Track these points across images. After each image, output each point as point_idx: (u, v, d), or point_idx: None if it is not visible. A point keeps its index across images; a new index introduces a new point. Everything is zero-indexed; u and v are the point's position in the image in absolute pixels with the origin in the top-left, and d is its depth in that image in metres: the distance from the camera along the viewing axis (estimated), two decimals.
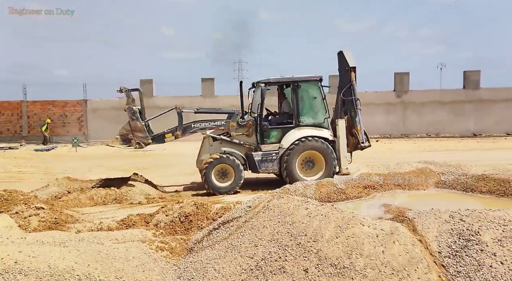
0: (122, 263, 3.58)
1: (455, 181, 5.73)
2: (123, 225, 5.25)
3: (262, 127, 8.59)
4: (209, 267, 3.62)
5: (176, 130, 8.58)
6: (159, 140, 8.60)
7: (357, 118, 8.62)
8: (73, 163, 14.33)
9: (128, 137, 8.07)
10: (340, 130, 8.55)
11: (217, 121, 8.73)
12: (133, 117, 8.14)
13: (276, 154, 8.49)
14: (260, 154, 8.51)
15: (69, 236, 4.00)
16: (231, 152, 8.44)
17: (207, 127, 8.65)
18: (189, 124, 8.68)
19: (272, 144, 8.58)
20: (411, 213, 3.63)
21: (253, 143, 8.64)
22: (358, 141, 8.60)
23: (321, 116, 8.74)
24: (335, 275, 3.10)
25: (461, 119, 22.34)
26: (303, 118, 8.64)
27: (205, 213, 5.40)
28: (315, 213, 3.70)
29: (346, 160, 8.51)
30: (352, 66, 8.68)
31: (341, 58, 9.05)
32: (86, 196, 7.42)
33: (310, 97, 8.77)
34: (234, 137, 8.58)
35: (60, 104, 23.51)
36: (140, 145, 8.12)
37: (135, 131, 8.08)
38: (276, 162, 8.47)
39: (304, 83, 8.70)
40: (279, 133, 8.64)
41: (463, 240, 3.08)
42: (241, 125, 8.64)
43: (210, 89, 23.49)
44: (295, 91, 8.61)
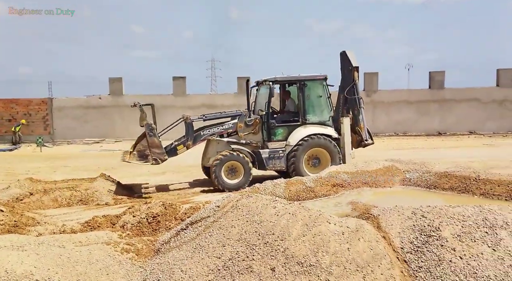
0: (85, 267, 3.46)
1: (419, 179, 5.90)
2: (87, 227, 5.09)
3: (269, 125, 8.80)
4: (175, 268, 3.56)
5: (187, 140, 8.56)
6: (172, 154, 8.56)
7: (360, 116, 9.09)
8: (37, 163, 13.81)
9: (145, 153, 8.07)
10: (345, 128, 8.91)
11: (225, 124, 8.84)
12: (150, 134, 8.13)
13: (283, 151, 8.74)
14: (267, 152, 8.72)
15: (28, 240, 3.83)
16: (239, 149, 8.57)
17: (216, 132, 8.74)
18: (198, 132, 8.71)
19: (279, 142, 8.84)
20: (376, 210, 3.70)
21: (259, 140, 8.85)
22: (361, 139, 9.10)
23: (326, 114, 9.09)
24: (301, 273, 3.11)
25: (427, 118, 23.06)
26: (309, 116, 8.95)
27: (173, 213, 5.32)
28: (283, 212, 3.71)
29: (350, 157, 8.87)
30: (355, 66, 9.05)
31: (343, 58, 9.38)
32: (49, 198, 7.16)
33: (315, 96, 9.10)
34: (242, 137, 8.74)
35: (23, 103, 22.59)
36: (156, 161, 8.07)
37: (152, 148, 8.04)
38: (284, 159, 8.71)
39: (310, 82, 8.98)
40: (285, 130, 8.90)
41: (424, 236, 3.17)
42: (249, 124, 8.79)
43: (182, 87, 23.21)
44: (302, 89, 8.87)
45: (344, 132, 8.90)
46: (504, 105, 23.03)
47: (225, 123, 8.85)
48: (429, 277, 2.92)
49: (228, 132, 8.82)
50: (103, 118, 22.63)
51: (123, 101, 22.93)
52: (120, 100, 22.83)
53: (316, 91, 9.10)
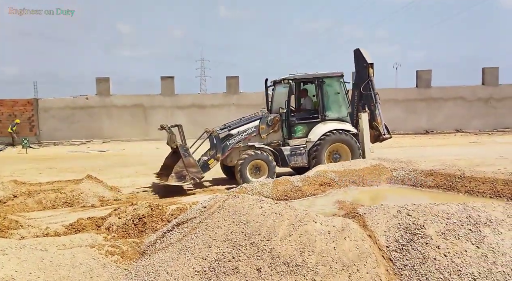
0: (68, 270, 3.41)
1: (406, 177, 5.93)
2: (71, 230, 5.02)
3: (290, 123, 8.98)
4: (161, 270, 3.52)
5: (216, 153, 8.66)
6: (205, 169, 8.65)
7: (377, 111, 9.43)
8: (22, 165, 13.58)
9: (183, 174, 8.14)
10: (363, 123, 9.20)
11: (248, 129, 8.95)
12: (185, 154, 8.28)
13: (304, 148, 8.92)
14: (288, 149, 8.91)
15: (9, 243, 3.75)
16: (262, 148, 8.72)
17: (241, 139, 8.84)
18: (225, 143, 8.77)
19: (299, 139, 9.02)
20: (362, 209, 3.70)
21: (280, 139, 9.02)
22: (379, 134, 9.45)
23: (344, 110, 9.32)
24: (287, 273, 3.10)
25: (414, 116, 23.29)
26: (328, 113, 9.15)
27: (160, 214, 5.27)
28: (269, 211, 3.69)
29: (369, 152, 9.11)
30: (370, 62, 9.34)
31: (358, 55, 9.66)
32: (33, 200, 7.04)
33: (333, 92, 9.32)
34: (264, 139, 8.90)
35: (8, 103, 22.22)
36: (194, 180, 8.18)
37: (189, 167, 8.20)
38: (305, 155, 8.91)
39: (328, 79, 9.20)
40: (305, 127, 9.10)
41: (409, 234, 3.18)
42: (270, 124, 8.93)
43: (170, 87, 23.06)
44: (320, 86, 9.07)
45: (363, 127, 9.17)
46: (490, 103, 23.39)
47: (248, 128, 8.98)
48: (414, 275, 2.93)
49: (252, 136, 8.98)
50: (90, 118, 22.38)
51: (111, 101, 22.71)
52: (107, 101, 22.60)
53: (333, 88, 9.33)
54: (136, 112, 22.71)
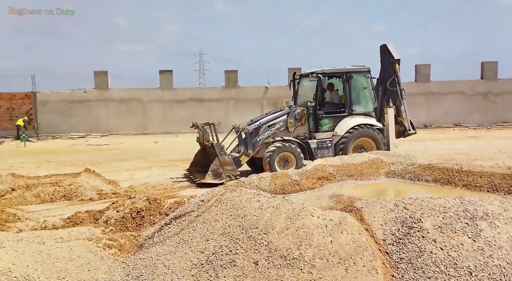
0: (65, 263, 3.41)
1: (404, 171, 5.93)
2: (69, 223, 5.02)
3: (317, 116, 9.08)
4: (159, 263, 3.53)
5: (247, 150, 8.74)
6: (238, 166, 8.73)
7: (403, 107, 9.52)
8: (21, 158, 13.57)
9: (219, 171, 8.23)
10: (389, 118, 9.27)
11: (276, 124, 9.00)
12: (221, 152, 8.37)
13: (330, 141, 9.05)
14: (315, 142, 9.03)
15: (6, 236, 3.74)
16: (291, 140, 8.80)
17: (271, 134, 8.89)
18: (255, 139, 8.83)
19: (325, 132, 9.15)
20: (360, 202, 3.71)
21: (306, 132, 9.14)
22: (404, 129, 9.53)
23: (371, 105, 9.43)
24: (284, 266, 3.11)
25: (413, 111, 23.17)
26: (355, 107, 9.26)
27: (158, 208, 5.27)
28: (267, 205, 3.69)
29: (394, 147, 9.23)
30: (397, 58, 9.40)
31: (384, 51, 9.73)
32: (32, 193, 7.04)
33: (360, 87, 9.41)
34: (292, 132, 8.99)
35: (6, 97, 22.16)
36: (230, 177, 8.18)
37: (225, 165, 8.31)
38: (331, 148, 9.04)
39: (355, 74, 9.29)
40: (331, 121, 9.22)
41: (406, 227, 3.18)
42: (297, 118, 9.02)
43: (169, 81, 22.98)
44: (348, 81, 9.18)
45: (388, 122, 9.24)
46: (489, 97, 23.39)
47: (276, 123, 9.02)
48: (410, 268, 2.94)
49: (280, 130, 9.02)
50: (89, 112, 22.33)
51: (109, 94, 22.66)
52: (105, 94, 22.55)
53: (360, 83, 9.41)
54: (134, 106, 22.66)
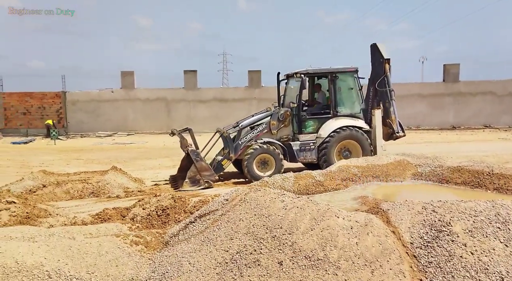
0: (94, 258, 3.50)
1: (431, 173, 5.81)
2: (98, 219, 5.15)
3: (300, 118, 8.83)
4: (184, 260, 3.58)
5: (229, 153, 8.65)
6: (219, 170, 8.70)
7: (392, 108, 9.08)
8: (51, 156, 14.02)
9: (197, 178, 8.22)
10: (376, 120, 8.92)
11: (259, 126, 8.87)
12: (197, 159, 8.31)
13: (314, 143, 8.77)
14: (298, 144, 8.78)
15: (39, 231, 3.88)
16: (270, 142, 8.61)
17: (253, 137, 8.77)
18: (236, 143, 8.75)
19: (310, 134, 8.88)
20: (386, 204, 3.65)
21: (290, 133, 8.90)
22: (392, 131, 9.10)
23: (357, 106, 9.11)
24: (309, 267, 3.09)
25: (440, 111, 22.71)
26: (340, 108, 8.97)
27: (182, 206, 5.34)
28: (291, 205, 3.69)
29: (381, 150, 8.88)
30: (386, 58, 9.05)
31: (374, 50, 9.36)
32: (62, 190, 7.26)
33: (346, 88, 9.11)
34: (275, 134, 8.79)
35: (38, 96, 22.92)
36: (209, 183, 8.24)
37: (202, 171, 8.26)
38: (315, 151, 8.75)
39: (342, 74, 9.00)
40: (316, 123, 8.94)
41: (434, 231, 3.12)
42: (280, 119, 8.82)
43: (193, 81, 23.23)
44: (333, 82, 8.90)
45: (375, 124, 8.94)
46: None
47: (259, 125, 8.88)
48: (439, 272, 2.87)
49: (263, 132, 8.86)
50: (115, 111, 22.84)
51: (135, 94, 23.11)
52: (131, 94, 23.01)
53: (347, 83, 9.13)
54: (159, 106, 23.03)
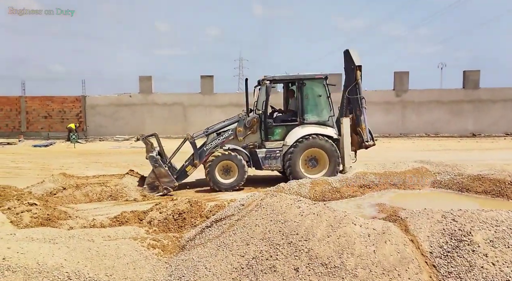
0: (113, 261, 3.55)
1: (451, 181, 5.71)
2: (116, 222, 5.23)
3: (266, 125, 8.66)
4: (200, 265, 3.60)
5: (194, 160, 8.61)
6: (183, 177, 8.67)
7: (362, 116, 8.75)
8: (70, 159, 14.31)
9: (155, 185, 8.22)
10: (344, 129, 8.63)
11: (225, 133, 8.78)
12: (156, 165, 8.29)
13: (280, 151, 8.57)
14: (264, 151, 8.60)
15: (59, 233, 3.97)
16: (234, 149, 8.47)
17: (218, 144, 8.68)
18: (202, 149, 8.70)
19: (276, 142, 8.68)
20: (404, 212, 3.61)
21: (257, 140, 8.71)
22: (362, 140, 8.73)
23: (325, 114, 8.83)
24: (325, 274, 3.07)
25: (460, 118, 22.30)
26: (307, 116, 8.74)
27: (199, 210, 5.38)
28: (307, 212, 3.68)
29: (350, 159, 8.61)
30: (358, 65, 8.77)
31: (347, 57, 9.12)
32: (81, 193, 7.40)
33: (315, 95, 8.86)
34: (240, 141, 8.64)
35: (58, 100, 23.45)
36: (168, 190, 8.23)
37: (161, 177, 8.24)
38: (280, 159, 8.56)
39: (309, 81, 8.79)
40: (283, 130, 8.73)
41: (455, 240, 3.06)
42: (247, 126, 8.67)
43: (209, 86, 23.42)
44: (300, 89, 8.70)
45: (343, 132, 8.62)
46: None
47: (225, 132, 8.73)
48: None
49: (229, 139, 8.69)
50: (133, 116, 23.18)
51: (153, 99, 23.43)
52: (149, 98, 23.33)
53: (315, 91, 8.82)
54: (176, 110, 23.28)
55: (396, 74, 22.90)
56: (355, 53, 8.93)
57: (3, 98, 23.51)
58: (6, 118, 23.29)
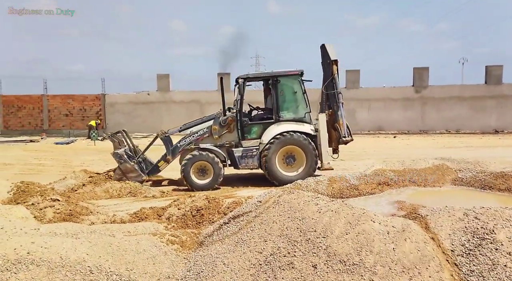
0: (133, 256, 3.62)
1: (473, 178, 5.58)
2: (135, 218, 5.32)
3: (242, 123, 8.56)
4: (218, 261, 3.63)
5: (166, 156, 8.66)
6: (155, 172, 8.78)
7: (340, 112, 8.57)
8: (91, 156, 14.60)
9: (123, 180, 8.27)
10: (321, 125, 8.47)
11: (199, 131, 8.73)
12: (120, 161, 8.41)
13: (257, 150, 8.46)
14: (240, 150, 8.50)
15: (81, 228, 4.06)
16: (210, 149, 8.37)
17: (192, 141, 8.66)
18: (175, 145, 8.73)
19: (253, 140, 8.57)
20: (424, 210, 3.55)
21: (235, 139, 8.60)
22: (340, 135, 8.56)
23: (301, 110, 8.67)
24: (344, 271, 3.05)
25: (482, 115, 21.78)
26: (283, 113, 8.61)
27: (216, 207, 5.42)
28: (325, 209, 3.66)
29: (328, 155, 8.46)
30: (333, 59, 8.60)
31: (323, 52, 8.95)
32: (101, 189, 7.56)
33: (290, 92, 8.70)
34: (216, 140, 8.56)
35: (79, 98, 23.95)
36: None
37: (127, 173, 8.34)
38: (256, 158, 8.44)
39: (284, 78, 8.65)
40: (259, 128, 8.61)
41: (477, 238, 2.99)
42: (223, 125, 8.58)
43: (226, 84, 23.46)
44: (275, 86, 8.58)
45: (320, 128, 8.45)
46: None
47: (200, 130, 8.68)
48: None
49: (204, 137, 8.62)
50: (151, 113, 23.46)
51: (170, 97, 23.67)
52: (167, 96, 23.58)
53: (291, 87, 8.66)
54: (193, 108, 23.45)
55: (415, 70, 22.50)
56: (331, 48, 8.76)
57: (26, 97, 24.15)
58: (29, 116, 23.93)
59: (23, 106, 23.98)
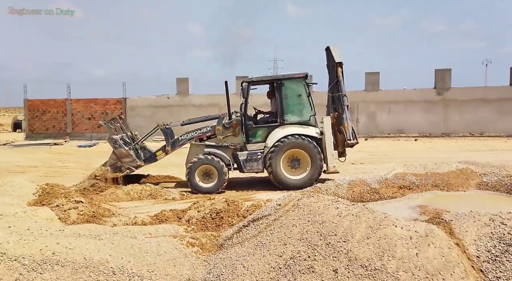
0: (154, 257, 3.66)
1: (498, 183, 5.43)
2: (156, 220, 5.38)
3: (246, 127, 8.54)
4: (238, 264, 3.64)
5: (166, 147, 8.75)
6: (151, 160, 8.88)
7: (344, 115, 8.50)
8: None
9: (118, 165, 8.42)
10: (325, 128, 8.40)
11: (203, 128, 8.77)
12: (115, 146, 8.51)
13: (262, 153, 8.42)
14: (245, 154, 8.46)
15: (104, 230, 4.14)
16: (215, 152, 8.39)
17: (194, 137, 8.74)
18: (177, 138, 8.82)
19: (258, 144, 8.53)
20: (448, 215, 3.47)
21: (240, 143, 8.60)
22: (345, 138, 8.49)
23: (306, 113, 8.60)
24: (365, 276, 3.01)
25: (507, 117, 21.13)
26: (287, 116, 8.55)
27: (236, 210, 5.44)
28: (346, 213, 3.62)
29: (333, 158, 8.36)
30: (338, 62, 8.53)
31: (328, 54, 8.90)
32: (123, 191, 7.68)
33: (294, 95, 8.63)
34: (220, 140, 8.58)
35: (101, 102, 24.43)
36: (130, 169, 8.45)
37: (122, 158, 8.45)
38: (261, 161, 8.40)
39: (288, 81, 8.60)
40: (264, 132, 8.57)
41: (504, 244, 2.91)
42: (227, 127, 8.61)
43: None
44: (279, 89, 8.54)
45: (324, 131, 8.35)
46: None
47: (204, 127, 8.71)
48: None
49: (207, 135, 8.66)
50: (171, 117, 23.70)
51: (189, 100, 23.89)
52: (186, 100, 23.81)
53: (295, 90, 8.59)
54: (212, 111, 23.54)
55: (437, 71, 22.05)
56: (336, 50, 8.68)
57: (51, 101, 24.80)
58: (53, 120, 24.55)
59: (47, 110, 24.62)
